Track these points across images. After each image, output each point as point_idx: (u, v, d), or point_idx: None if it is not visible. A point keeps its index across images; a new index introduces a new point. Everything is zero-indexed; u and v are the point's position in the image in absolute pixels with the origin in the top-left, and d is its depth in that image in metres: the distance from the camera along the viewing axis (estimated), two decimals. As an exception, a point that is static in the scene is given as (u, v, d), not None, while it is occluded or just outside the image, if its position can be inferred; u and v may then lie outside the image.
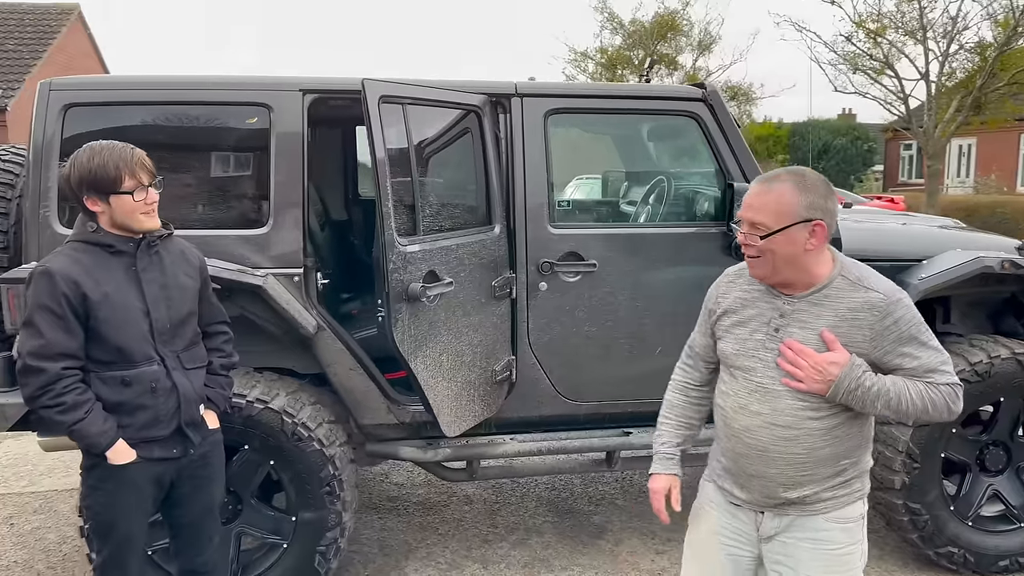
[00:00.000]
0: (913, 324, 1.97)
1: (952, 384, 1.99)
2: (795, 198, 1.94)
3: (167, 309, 2.44)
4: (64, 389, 2.28)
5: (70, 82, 3.23)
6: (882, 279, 2.02)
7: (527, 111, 3.41)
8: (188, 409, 2.48)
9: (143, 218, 2.41)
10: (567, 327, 3.47)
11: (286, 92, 3.26)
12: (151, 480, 2.44)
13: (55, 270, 2.31)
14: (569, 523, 4.26)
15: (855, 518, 2.08)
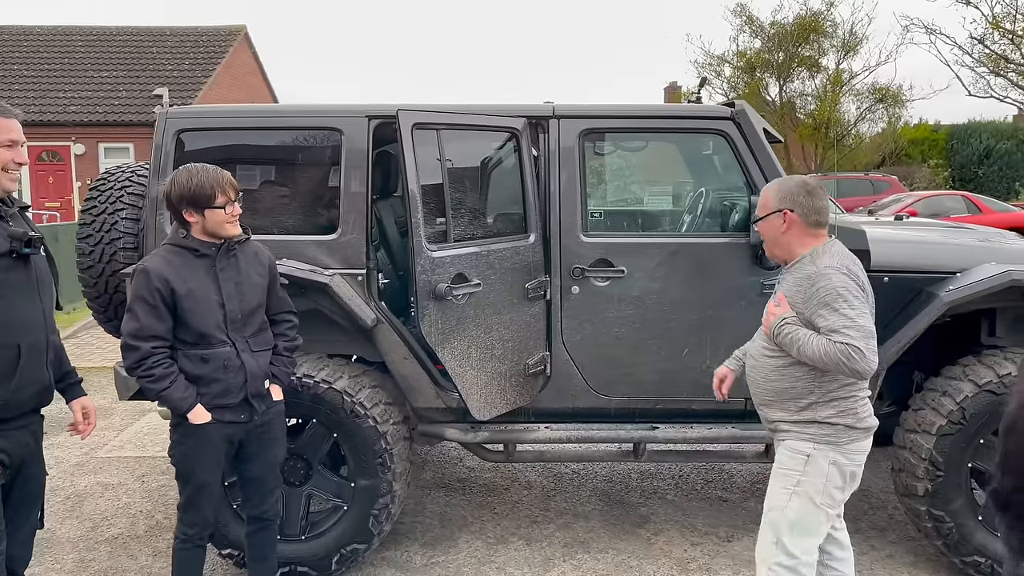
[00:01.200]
0: (829, 294, 2.53)
1: (846, 343, 2.47)
2: (773, 196, 2.72)
3: (239, 302, 3.02)
4: (154, 363, 2.90)
5: (182, 111, 3.92)
6: (828, 259, 2.61)
7: (563, 131, 3.77)
8: (254, 383, 3.04)
9: (229, 227, 3.01)
10: (597, 328, 3.80)
11: (354, 118, 3.80)
12: (223, 438, 3.03)
13: (150, 268, 2.93)
14: (616, 512, 4.56)
15: (801, 452, 2.69)
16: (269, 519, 3.26)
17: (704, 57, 27.79)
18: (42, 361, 2.56)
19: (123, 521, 4.47)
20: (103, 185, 4.21)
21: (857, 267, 2.67)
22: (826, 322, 2.51)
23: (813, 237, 2.70)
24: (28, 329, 2.48)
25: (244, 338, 3.04)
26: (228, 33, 22.25)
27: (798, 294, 2.61)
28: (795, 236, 2.70)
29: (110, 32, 22.17)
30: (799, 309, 2.61)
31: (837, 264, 2.58)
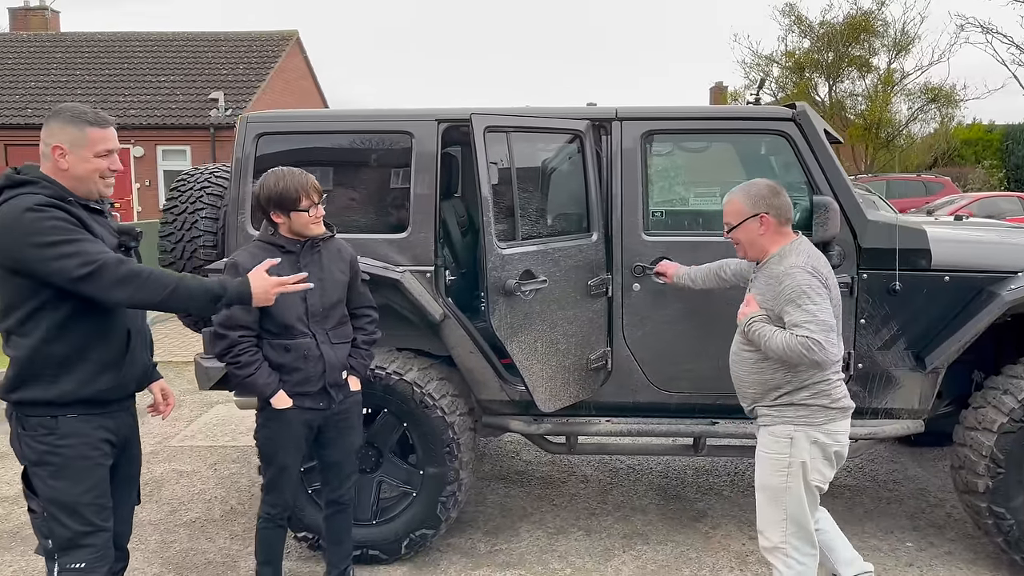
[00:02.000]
0: (793, 291, 2.75)
1: (807, 336, 2.69)
2: (744, 202, 2.91)
3: (320, 296, 3.20)
4: (240, 351, 3.10)
5: (261, 116, 4.12)
6: (794, 259, 2.81)
7: (626, 133, 3.88)
8: (332, 373, 3.22)
9: (313, 227, 3.22)
10: (658, 324, 3.90)
11: (424, 121, 3.96)
12: (303, 424, 3.22)
13: (239, 262, 3.13)
14: (674, 506, 4.66)
15: (782, 435, 2.90)
16: (345, 503, 3.44)
17: (752, 57, 27.55)
18: (144, 345, 2.78)
19: (199, 506, 4.70)
20: (183, 186, 4.43)
21: (821, 264, 2.86)
22: (790, 317, 2.74)
23: (783, 236, 2.92)
24: (133, 316, 2.69)
25: (324, 330, 3.22)
26: (280, 38, 22.74)
27: (768, 291, 2.83)
28: (769, 237, 2.91)
29: (167, 38, 22.83)
30: (769, 306, 2.82)
31: (802, 263, 2.79)
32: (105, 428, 2.60)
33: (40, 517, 2.58)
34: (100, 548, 2.59)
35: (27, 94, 20.58)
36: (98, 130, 2.56)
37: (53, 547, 2.56)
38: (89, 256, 2.42)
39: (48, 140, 2.54)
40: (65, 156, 2.52)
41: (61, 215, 2.43)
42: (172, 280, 2.54)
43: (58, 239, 2.40)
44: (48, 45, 22.72)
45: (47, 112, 2.69)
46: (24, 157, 17.34)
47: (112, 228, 2.66)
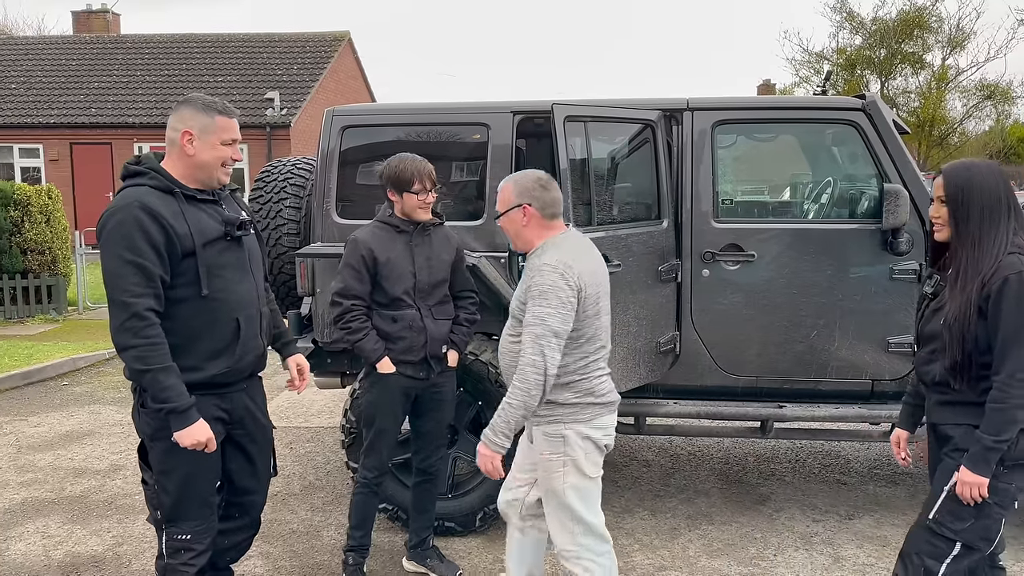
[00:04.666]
0: (537, 289, 2.68)
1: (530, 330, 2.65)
2: (512, 192, 2.84)
3: (428, 274, 3.47)
4: (352, 318, 3.39)
5: (347, 109, 4.34)
6: (550, 256, 2.72)
7: (697, 123, 4.01)
8: (432, 345, 3.49)
9: (420, 212, 3.47)
10: (726, 309, 4.02)
11: (500, 113, 4.13)
12: (402, 391, 3.47)
13: (359, 238, 3.44)
14: (736, 490, 4.76)
15: (554, 434, 2.78)
16: (433, 473, 3.67)
17: (802, 54, 27.25)
18: (257, 331, 2.85)
19: (279, 481, 4.92)
20: (268, 177, 4.67)
21: (584, 262, 2.76)
22: (529, 314, 2.69)
23: (548, 229, 2.84)
24: (245, 304, 2.76)
25: (428, 306, 3.48)
26: (333, 39, 23.17)
27: (526, 282, 2.78)
28: (534, 229, 2.83)
29: (224, 39, 23.41)
30: (522, 297, 2.78)
31: (555, 262, 2.70)
32: (219, 407, 2.70)
33: (152, 489, 2.74)
34: (205, 521, 2.74)
35: (90, 94, 21.29)
36: (225, 119, 2.70)
37: (162, 517, 2.72)
38: (133, 289, 2.48)
39: (177, 126, 2.67)
40: (193, 142, 2.65)
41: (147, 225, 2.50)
42: (152, 363, 2.49)
43: (128, 256, 2.48)
44: (110, 47, 23.46)
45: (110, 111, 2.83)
46: (88, 154, 18.03)
47: (219, 217, 2.72)
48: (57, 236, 10.81)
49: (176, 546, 2.71)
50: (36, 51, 23.43)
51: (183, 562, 2.71)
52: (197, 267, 2.61)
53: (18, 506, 4.59)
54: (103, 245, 2.55)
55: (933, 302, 2.56)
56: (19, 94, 21.43)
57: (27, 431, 6.02)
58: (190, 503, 2.71)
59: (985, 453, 2.38)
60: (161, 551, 2.75)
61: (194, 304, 2.62)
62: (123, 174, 2.70)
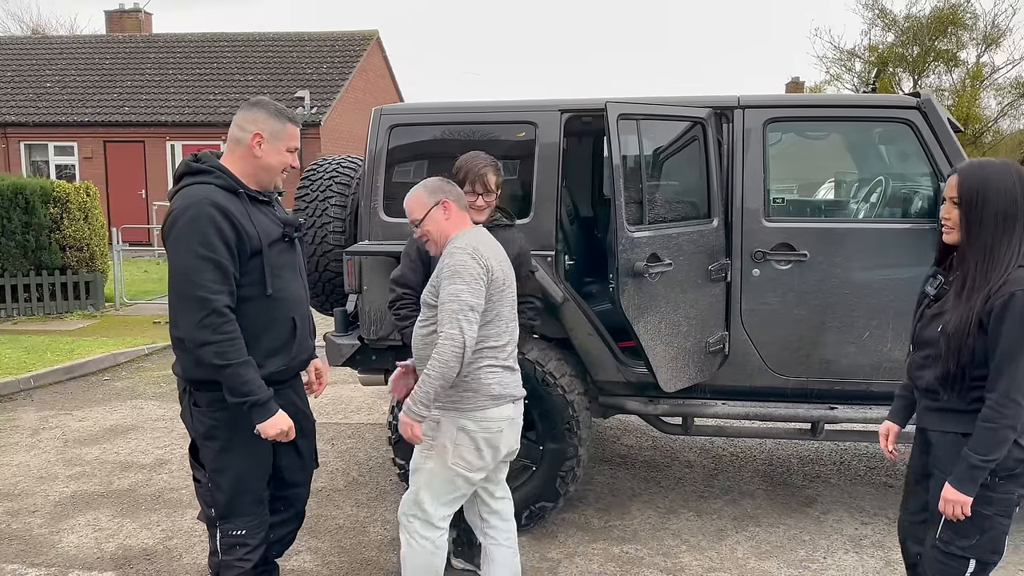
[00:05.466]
0: (450, 268, 2.81)
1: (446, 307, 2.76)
2: (424, 196, 2.96)
3: None
4: (401, 305, 3.45)
5: (394, 108, 4.35)
6: (461, 241, 2.89)
7: (748, 120, 3.97)
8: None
9: (474, 212, 3.44)
10: (777, 309, 3.98)
11: (547, 112, 4.12)
12: None
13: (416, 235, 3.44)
14: (781, 492, 4.72)
15: (432, 418, 2.89)
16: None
17: (834, 52, 26.97)
18: (308, 331, 2.91)
19: (324, 477, 4.96)
20: (314, 175, 4.69)
21: (489, 249, 2.92)
22: (443, 293, 2.82)
23: (463, 222, 3.01)
24: (298, 303, 2.82)
25: None
26: (362, 38, 23.26)
27: (438, 268, 2.91)
28: (454, 222, 2.98)
29: (254, 39, 23.60)
30: (434, 281, 2.91)
31: (464, 245, 2.87)
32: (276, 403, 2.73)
33: (204, 487, 2.78)
34: (258, 516, 2.78)
35: (124, 93, 21.56)
36: (294, 127, 2.75)
37: (216, 515, 2.74)
38: (211, 286, 2.51)
39: (248, 127, 2.69)
40: (262, 145, 2.68)
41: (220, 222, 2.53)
42: (237, 357, 2.54)
43: (203, 252, 2.51)
44: (142, 46, 23.73)
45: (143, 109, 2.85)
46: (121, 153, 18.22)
47: (277, 219, 2.78)
48: (95, 233, 10.96)
49: (231, 542, 2.74)
50: (70, 50, 23.76)
51: (238, 557, 2.74)
52: (263, 266, 2.64)
53: (68, 499, 4.66)
54: (174, 242, 2.55)
55: (935, 305, 2.49)
56: (54, 93, 21.75)
57: (73, 425, 6.11)
58: (244, 500, 2.74)
59: (971, 471, 2.33)
60: (215, 548, 2.78)
61: (258, 303, 2.65)
62: (184, 171, 2.70)
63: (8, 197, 10.09)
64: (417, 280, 3.44)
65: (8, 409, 6.55)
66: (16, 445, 5.62)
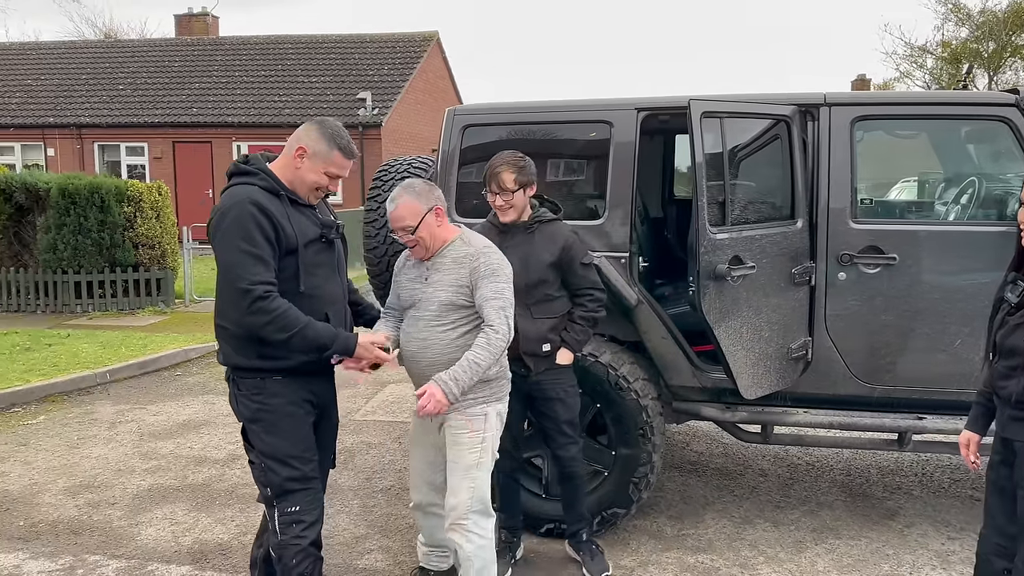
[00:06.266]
0: (488, 268, 2.98)
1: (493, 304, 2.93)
2: (417, 202, 3.00)
3: (522, 275, 3.40)
4: None
5: (467, 108, 4.33)
6: (480, 240, 3.08)
7: (834, 118, 3.83)
8: (526, 343, 3.46)
9: (500, 212, 3.47)
10: (864, 315, 3.82)
11: (624, 111, 4.04)
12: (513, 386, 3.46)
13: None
14: (861, 504, 4.55)
15: (479, 414, 3.06)
16: (565, 473, 3.67)
17: (904, 48, 26.15)
18: (342, 327, 2.95)
19: (391, 476, 4.97)
20: (385, 175, 4.69)
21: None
22: (483, 291, 2.96)
23: (453, 224, 3.14)
24: (333, 300, 2.90)
25: (525, 304, 3.44)
26: (422, 39, 23.43)
27: (458, 270, 3.01)
28: (445, 226, 3.08)
29: (317, 40, 23.97)
30: (462, 283, 2.99)
31: (488, 244, 3.09)
32: (307, 390, 2.85)
33: (259, 468, 2.85)
34: (312, 493, 2.85)
35: (192, 95, 22.13)
36: (342, 157, 2.82)
37: (272, 494, 2.82)
38: (252, 278, 2.62)
39: (300, 138, 2.80)
40: (303, 159, 2.78)
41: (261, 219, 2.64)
42: (298, 323, 2.67)
43: (244, 247, 2.63)
44: (209, 48, 24.33)
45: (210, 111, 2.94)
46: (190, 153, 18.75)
47: (317, 220, 2.87)
48: (166, 231, 11.26)
49: (288, 519, 2.80)
50: (141, 54, 24.51)
51: (296, 535, 2.80)
52: (298, 264, 2.75)
53: (146, 492, 4.76)
54: (220, 240, 2.68)
55: (1017, 314, 2.39)
56: (126, 95, 22.46)
57: (148, 419, 6.26)
58: (295, 479, 2.80)
59: None
60: (274, 527, 2.83)
61: (292, 299, 2.73)
62: (232, 171, 2.84)
63: (85, 196, 10.42)
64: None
65: (87, 402, 6.76)
66: (95, 438, 5.78)
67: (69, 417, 6.29)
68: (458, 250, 3.08)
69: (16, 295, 10.76)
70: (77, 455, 5.40)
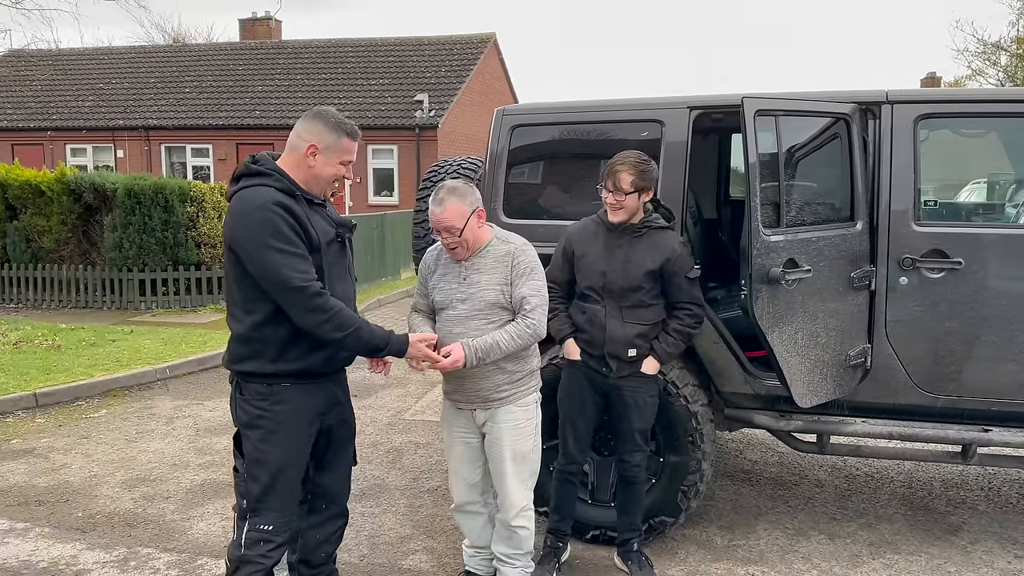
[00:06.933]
0: (528, 265, 3.10)
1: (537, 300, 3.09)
2: (463, 204, 3.04)
3: (621, 277, 3.42)
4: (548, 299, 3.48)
5: (516, 108, 4.29)
6: (517, 239, 3.18)
7: (897, 117, 3.67)
8: (612, 344, 3.45)
9: (609, 210, 3.45)
10: (927, 321, 3.66)
11: (676, 109, 3.95)
12: (588, 382, 3.53)
13: (568, 229, 3.59)
14: (922, 518, 4.36)
15: (531, 403, 3.24)
16: (627, 477, 3.63)
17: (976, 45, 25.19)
18: None
19: (439, 476, 4.96)
20: (435, 176, 4.70)
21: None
22: (523, 289, 3.07)
23: (488, 224, 3.20)
24: (346, 302, 2.83)
25: (619, 306, 3.45)
26: (479, 41, 23.51)
27: (499, 268, 3.09)
28: (484, 226, 3.16)
29: (376, 43, 24.27)
30: (505, 281, 3.08)
31: (525, 241, 3.19)
32: (316, 396, 2.79)
33: (241, 477, 2.79)
34: (287, 514, 2.77)
35: (255, 98, 22.63)
36: (350, 141, 2.79)
37: (247, 507, 2.74)
38: (303, 275, 2.59)
39: (305, 137, 2.75)
40: (316, 156, 2.74)
41: (289, 219, 2.61)
42: (354, 323, 2.68)
43: (283, 247, 2.58)
44: (272, 52, 24.84)
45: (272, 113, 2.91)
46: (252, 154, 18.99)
47: (332, 219, 2.84)
48: (227, 231, 11.49)
49: (256, 537, 2.73)
50: (207, 58, 25.17)
51: (261, 554, 2.72)
52: (322, 264, 2.71)
53: (199, 487, 4.85)
54: (250, 243, 2.60)
55: None
56: (191, 98, 23.08)
57: (204, 415, 6.39)
58: (278, 493, 2.74)
59: None
60: (239, 541, 2.75)
61: None
62: (243, 172, 2.75)
63: (150, 196, 10.72)
64: (562, 277, 3.56)
65: (146, 397, 6.94)
66: (153, 432, 5.93)
67: (129, 411, 6.46)
68: (498, 248, 3.15)
69: (84, 292, 11.14)
70: (135, 449, 5.54)
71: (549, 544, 3.72)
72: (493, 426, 3.21)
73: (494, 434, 3.21)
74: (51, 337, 8.75)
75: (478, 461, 3.32)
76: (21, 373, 7.18)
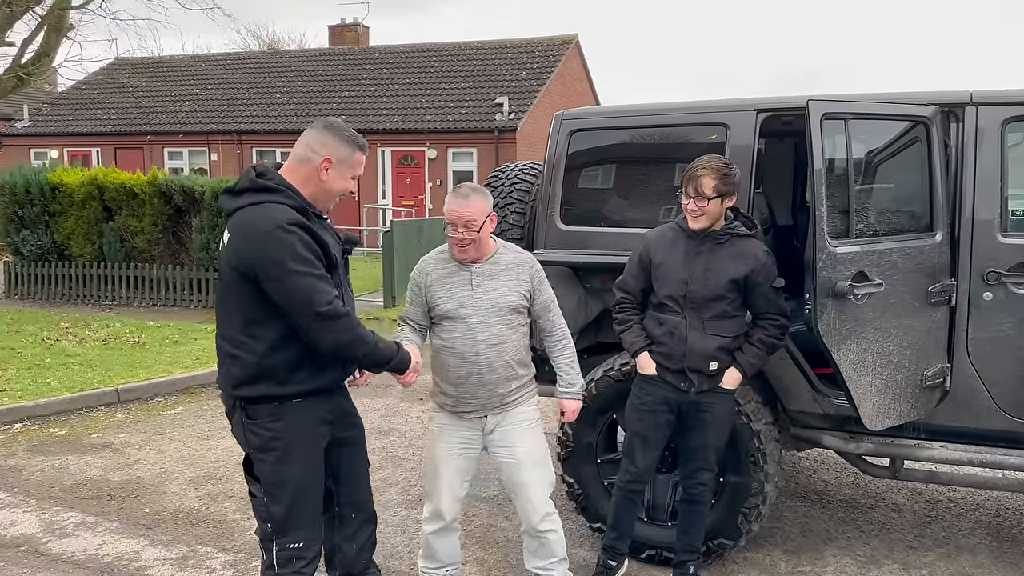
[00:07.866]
0: (543, 274, 3.20)
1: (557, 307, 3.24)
2: (485, 204, 3.04)
3: (702, 286, 3.27)
4: (620, 309, 3.50)
5: (575, 112, 4.19)
6: (518, 248, 3.28)
7: (982, 119, 3.40)
8: (692, 358, 3.29)
9: (690, 217, 3.29)
10: (1013, 340, 3.38)
11: (742, 112, 3.77)
12: (662, 398, 3.38)
13: (646, 236, 3.47)
14: (1009, 550, 4.04)
15: (536, 402, 3.28)
16: (692, 497, 3.49)
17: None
18: None
19: (494, 484, 4.90)
20: (495, 182, 4.64)
21: None
22: (545, 296, 3.17)
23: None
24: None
25: (700, 317, 3.29)
26: (561, 43, 23.42)
27: (516, 275, 3.11)
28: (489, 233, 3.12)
29: (459, 47, 24.50)
30: (524, 288, 3.11)
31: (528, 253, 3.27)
32: (325, 408, 2.75)
33: (260, 502, 2.72)
34: (315, 528, 2.74)
35: (342, 103, 23.15)
36: (362, 155, 2.73)
37: (272, 529, 2.69)
38: (328, 298, 2.52)
39: (319, 150, 2.64)
40: (329, 170, 2.65)
41: (307, 239, 2.52)
42: (370, 338, 2.66)
43: (308, 270, 2.50)
44: (359, 58, 25.39)
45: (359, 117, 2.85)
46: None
47: (337, 237, 2.77)
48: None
49: (288, 555, 2.69)
50: (297, 63, 25.93)
51: (296, 570, 2.70)
52: (340, 282, 2.67)
53: (261, 487, 4.93)
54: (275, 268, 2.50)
55: None
56: (282, 103, 23.81)
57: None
58: (302, 511, 2.70)
59: None
60: (271, 562, 2.71)
61: None
62: (249, 187, 2.62)
63: (235, 199, 11.08)
64: (636, 286, 3.45)
65: (218, 396, 7.12)
66: (223, 430, 6.07)
67: (204, 409, 6.66)
68: (508, 257, 3.16)
69: (172, 290, 11.60)
70: (205, 447, 5.69)
71: (601, 564, 3.60)
72: (504, 429, 3.17)
73: (506, 439, 3.16)
74: (138, 334, 9.13)
75: (469, 474, 3.27)
76: (107, 369, 7.51)
